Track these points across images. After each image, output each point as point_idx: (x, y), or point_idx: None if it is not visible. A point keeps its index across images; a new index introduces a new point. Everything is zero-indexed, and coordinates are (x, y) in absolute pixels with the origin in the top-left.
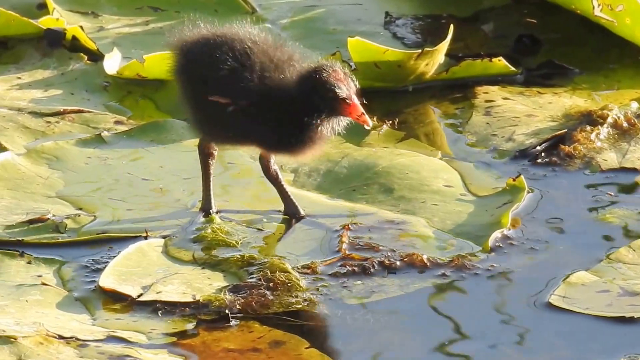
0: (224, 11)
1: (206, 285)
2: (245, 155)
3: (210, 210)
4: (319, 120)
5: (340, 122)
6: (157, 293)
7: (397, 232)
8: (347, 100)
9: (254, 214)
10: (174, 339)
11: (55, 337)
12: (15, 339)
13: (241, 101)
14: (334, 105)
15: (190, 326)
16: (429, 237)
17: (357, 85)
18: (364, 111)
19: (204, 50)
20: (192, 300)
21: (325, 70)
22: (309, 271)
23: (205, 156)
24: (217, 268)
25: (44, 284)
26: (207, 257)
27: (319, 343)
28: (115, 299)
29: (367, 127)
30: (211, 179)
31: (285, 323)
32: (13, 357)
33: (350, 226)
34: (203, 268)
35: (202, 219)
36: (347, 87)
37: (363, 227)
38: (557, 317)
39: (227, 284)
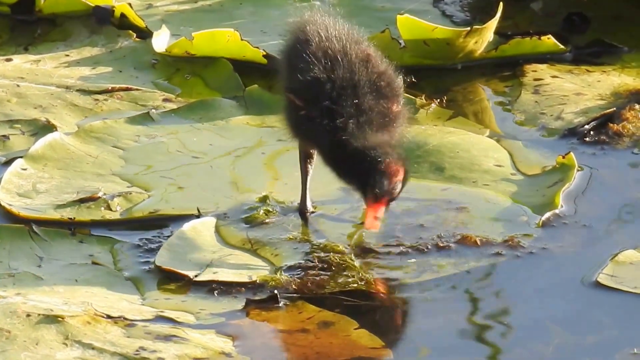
0: None
1: (261, 265)
2: None
3: (306, 210)
4: (352, 179)
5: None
6: (214, 273)
7: (449, 212)
8: (375, 198)
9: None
10: (223, 319)
11: (103, 317)
12: (62, 318)
13: (313, 112)
14: (364, 190)
15: (239, 306)
16: (482, 217)
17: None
18: (377, 216)
19: (297, 46)
20: (248, 280)
21: (387, 160)
22: (362, 252)
23: (303, 157)
24: (270, 249)
25: (94, 263)
26: (261, 237)
27: (369, 323)
28: (170, 279)
29: (366, 229)
30: (308, 179)
31: (339, 303)
32: (60, 337)
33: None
34: (257, 249)
35: (294, 217)
36: (392, 188)
37: (416, 207)
38: (605, 296)
39: (282, 265)
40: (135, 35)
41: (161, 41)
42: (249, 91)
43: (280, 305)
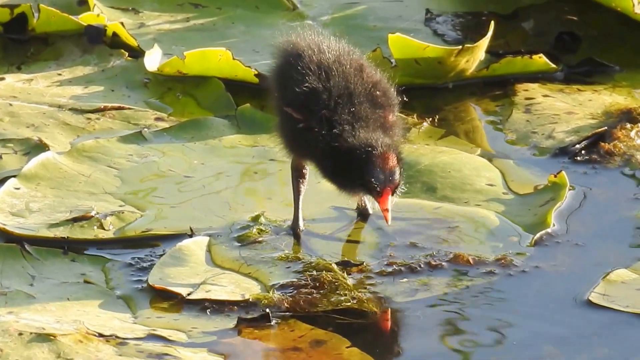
0: (265, 8)
1: (253, 284)
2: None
3: (298, 229)
4: (352, 182)
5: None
6: (206, 292)
7: (442, 231)
8: (379, 191)
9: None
10: (215, 337)
11: (95, 335)
12: (54, 336)
13: (312, 122)
14: (368, 186)
15: (231, 325)
16: (474, 236)
17: (400, 177)
18: (389, 208)
19: (290, 60)
20: (241, 299)
21: (377, 151)
22: (355, 270)
23: (296, 175)
24: (263, 267)
25: (86, 281)
26: (253, 256)
27: (361, 342)
28: (162, 298)
29: (386, 222)
30: (301, 198)
31: (331, 322)
32: (52, 355)
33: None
34: (249, 267)
35: (287, 236)
36: (389, 176)
37: (408, 226)
38: (596, 314)
39: (274, 283)
40: (127, 54)
41: (153, 60)
42: (240, 110)
43: (272, 323)
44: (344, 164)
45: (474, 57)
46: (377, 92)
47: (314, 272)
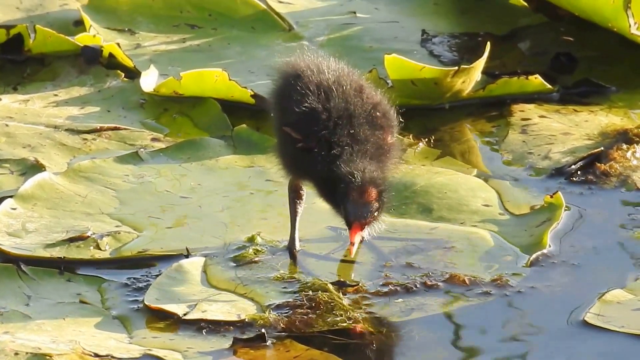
0: (261, 28)
1: (249, 304)
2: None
3: (294, 250)
4: (335, 207)
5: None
6: (202, 312)
7: (437, 252)
8: (349, 223)
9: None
10: (210, 357)
11: (91, 355)
12: (50, 356)
13: (311, 143)
14: (342, 215)
15: (227, 345)
16: (470, 256)
17: (380, 215)
18: (357, 242)
19: (290, 81)
20: (237, 319)
21: (354, 184)
22: (351, 290)
23: (293, 197)
24: (259, 287)
25: (82, 301)
26: (249, 276)
27: None
28: (158, 318)
29: (349, 254)
30: (298, 219)
31: (327, 342)
32: None
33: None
34: (245, 287)
35: (283, 256)
36: (362, 211)
37: (404, 246)
38: (592, 335)
39: (270, 304)
40: (123, 75)
41: (149, 81)
42: (237, 131)
43: (267, 344)
44: (332, 188)
45: (470, 78)
46: (377, 114)
47: (310, 292)
